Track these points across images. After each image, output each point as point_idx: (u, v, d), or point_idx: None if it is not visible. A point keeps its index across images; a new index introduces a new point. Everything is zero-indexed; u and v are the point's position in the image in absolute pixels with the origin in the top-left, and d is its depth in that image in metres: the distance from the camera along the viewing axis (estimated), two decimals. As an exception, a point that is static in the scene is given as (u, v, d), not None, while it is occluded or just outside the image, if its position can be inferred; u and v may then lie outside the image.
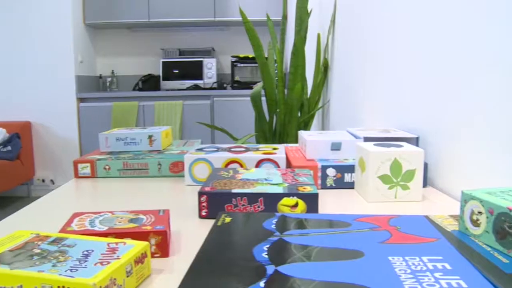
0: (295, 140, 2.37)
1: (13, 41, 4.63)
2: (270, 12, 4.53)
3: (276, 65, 2.55)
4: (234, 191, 0.78)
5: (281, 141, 2.42)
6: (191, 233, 0.72)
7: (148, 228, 0.62)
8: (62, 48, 4.58)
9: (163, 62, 4.75)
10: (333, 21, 2.28)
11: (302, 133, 1.18)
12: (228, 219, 0.61)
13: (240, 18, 4.60)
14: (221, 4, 4.60)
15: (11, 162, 4.26)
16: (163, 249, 0.62)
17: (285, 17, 2.54)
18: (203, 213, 0.79)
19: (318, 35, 2.42)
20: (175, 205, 0.88)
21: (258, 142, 2.49)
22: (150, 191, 1.00)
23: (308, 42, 3.15)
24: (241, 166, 1.04)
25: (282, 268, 0.45)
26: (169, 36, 5.08)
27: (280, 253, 0.49)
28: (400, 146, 0.92)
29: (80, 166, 1.15)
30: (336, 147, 1.06)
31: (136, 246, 0.55)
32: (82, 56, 4.76)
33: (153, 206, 0.88)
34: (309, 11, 2.95)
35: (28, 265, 0.51)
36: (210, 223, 0.77)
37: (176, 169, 1.13)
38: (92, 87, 5.04)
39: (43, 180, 4.76)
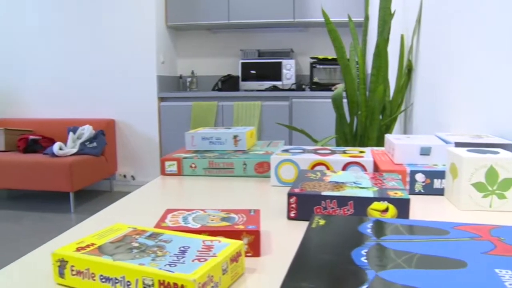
0: (376, 144, 2.32)
1: (99, 42, 4.85)
2: (351, 13, 4.48)
3: (357, 66, 2.51)
4: (323, 193, 0.77)
5: (362, 144, 2.38)
6: (280, 234, 0.72)
7: (241, 227, 0.63)
8: (145, 49, 4.74)
9: (242, 63, 4.81)
10: (418, 21, 2.21)
11: (389, 137, 1.15)
12: (322, 222, 0.60)
13: (320, 19, 4.58)
14: (301, 5, 4.60)
15: (96, 157, 4.46)
16: (255, 248, 0.62)
17: (367, 18, 2.50)
18: (292, 215, 0.79)
19: (402, 36, 2.36)
20: (262, 206, 0.89)
21: (338, 144, 2.46)
22: (235, 191, 1.01)
23: (390, 43, 3.09)
24: (328, 168, 1.03)
25: (383, 274, 0.44)
26: (248, 37, 5.14)
27: (379, 258, 0.48)
28: (496, 152, 0.88)
29: (167, 164, 1.18)
30: (425, 151, 1.03)
31: (231, 245, 0.56)
32: (163, 57, 4.90)
33: (239, 205, 0.89)
34: (392, 11, 2.89)
35: (129, 257, 0.52)
36: (298, 224, 0.77)
37: (261, 169, 1.14)
38: (173, 87, 5.19)
39: (124, 176, 4.95)
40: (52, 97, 5.12)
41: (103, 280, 0.52)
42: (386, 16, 2.27)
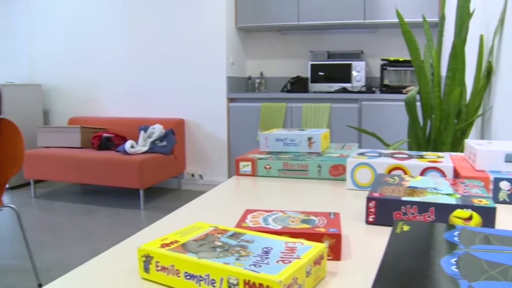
0: (450, 149, 2.25)
1: (170, 43, 4.97)
2: (425, 13, 4.36)
3: (432, 68, 2.44)
4: (404, 198, 0.75)
5: (435, 149, 2.31)
6: (359, 238, 0.71)
7: (322, 230, 0.62)
8: (215, 50, 4.82)
9: (311, 64, 4.79)
10: (501, 21, 2.12)
11: (469, 142, 1.11)
12: (406, 227, 0.59)
13: (390, 20, 4.48)
14: (371, 6, 4.52)
15: (166, 156, 4.57)
16: (336, 252, 0.62)
17: (443, 17, 2.43)
18: (370, 219, 0.77)
19: (481, 37, 2.27)
20: (338, 209, 0.88)
21: (410, 148, 2.41)
22: (310, 193, 1.01)
23: (467, 44, 2.98)
24: (405, 173, 1.00)
25: (477, 285, 0.43)
26: (318, 39, 5.11)
27: (471, 268, 0.47)
28: None
29: (241, 164, 1.19)
30: (511, 158, 0.98)
31: (314, 247, 0.55)
32: (233, 58, 4.96)
33: (315, 208, 0.89)
34: (471, 11, 2.79)
35: (213, 256, 0.53)
36: (377, 229, 0.75)
37: (336, 172, 1.13)
38: (241, 87, 5.24)
39: (192, 175, 5.04)
40: (124, 96, 5.30)
41: (188, 277, 0.53)
42: (464, 16, 2.20)
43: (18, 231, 3.83)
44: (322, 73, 4.76)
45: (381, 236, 0.72)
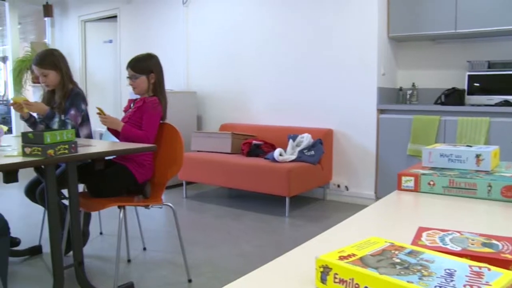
0: None
1: (321, 53, 5.00)
2: None
3: None
4: None
5: None
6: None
7: (509, 257, 0.58)
8: (366, 60, 4.74)
9: (469, 75, 4.51)
10: None
11: None
12: None
13: None
14: (541, 13, 4.15)
15: (313, 165, 4.59)
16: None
17: None
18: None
19: None
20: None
21: None
22: (480, 214, 0.94)
23: None
24: None
25: None
26: (476, 47, 4.80)
27: None
28: None
29: (404, 179, 1.15)
30: None
31: (504, 275, 0.51)
32: (384, 68, 4.85)
33: (488, 231, 0.82)
34: None
35: (394, 273, 0.51)
36: None
37: (510, 193, 1.04)
38: (392, 99, 5.10)
39: (338, 186, 5.01)
40: (274, 105, 5.43)
41: (367, 292, 0.51)
42: None
43: (172, 228, 4.09)
44: (481, 85, 4.46)
45: None
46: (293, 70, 5.25)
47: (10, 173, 2.12)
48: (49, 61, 3.21)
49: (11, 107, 3.21)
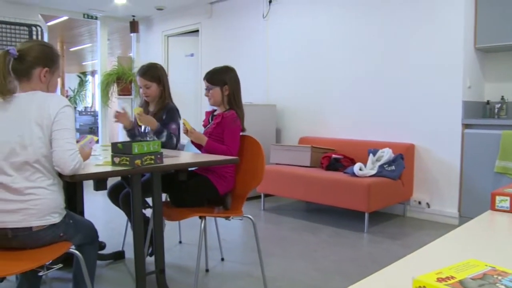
0: None
1: (402, 65, 4.88)
2: None
3: None
4: None
5: None
6: None
7: None
8: (451, 72, 4.58)
9: None
10: None
11: None
12: None
13: None
14: None
15: (393, 181, 4.48)
16: None
17: None
18: None
19: None
20: None
21: None
22: None
23: None
24: None
25: None
26: None
27: None
28: None
29: (498, 198, 1.10)
30: None
31: None
32: (470, 81, 4.66)
33: None
34: None
35: (498, 300, 0.49)
36: None
37: None
38: (478, 113, 4.88)
39: (419, 202, 4.85)
40: (353, 119, 5.37)
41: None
42: None
43: (249, 239, 4.12)
44: None
45: None
46: (373, 82, 5.17)
47: (100, 181, 2.22)
48: (153, 73, 3.37)
49: (115, 116, 3.38)
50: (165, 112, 3.35)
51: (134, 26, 8.61)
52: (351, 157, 5.02)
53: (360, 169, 4.47)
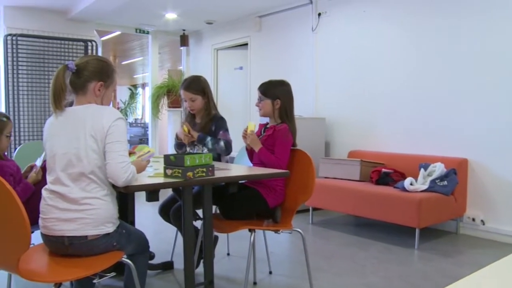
0: None
1: (455, 77, 4.76)
2: None
3: None
4: None
5: None
6: None
7: None
8: (507, 83, 4.42)
9: None
10: None
11: None
12: None
13: None
14: None
15: (445, 196, 4.36)
16: None
17: None
18: None
19: None
20: None
21: None
22: None
23: None
24: None
25: None
26: None
27: None
28: None
29: None
30: None
31: None
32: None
33: None
34: None
35: None
36: None
37: None
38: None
39: (473, 219, 4.69)
40: (404, 132, 5.27)
41: None
42: None
43: (297, 253, 4.09)
44: None
45: None
46: (424, 95, 5.07)
47: (153, 193, 2.26)
48: (197, 86, 3.40)
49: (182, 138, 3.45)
50: (213, 123, 3.39)
51: (184, 40, 8.77)
52: (402, 172, 4.92)
53: (411, 184, 4.38)
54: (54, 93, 2.20)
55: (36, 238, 2.26)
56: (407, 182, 4.38)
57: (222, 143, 3.27)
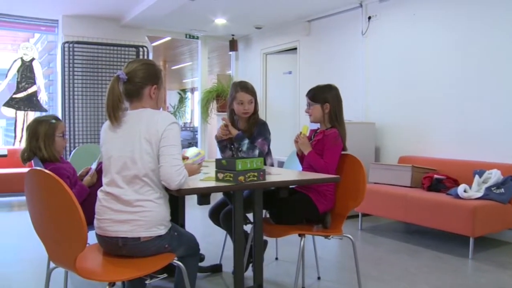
0: None
1: (509, 80, 4.62)
2: None
3: None
4: None
5: None
6: None
7: None
8: None
9: None
10: None
11: None
12: None
13: None
14: None
15: (502, 205, 4.20)
16: None
17: None
18: None
19: None
20: None
21: None
22: None
23: None
24: None
25: None
26: None
27: None
28: None
29: None
30: None
31: None
32: None
33: None
34: None
35: None
36: None
37: None
38: None
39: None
40: (457, 138, 5.13)
41: None
42: None
43: (346, 259, 4.04)
44: None
45: None
46: (478, 99, 4.92)
47: (204, 196, 2.28)
48: (254, 89, 3.47)
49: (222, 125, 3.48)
50: (257, 127, 3.42)
51: (233, 45, 8.85)
52: (455, 178, 4.79)
53: (465, 191, 4.25)
54: (113, 105, 2.24)
55: (91, 238, 2.32)
56: (460, 189, 4.25)
57: (256, 152, 3.27)
